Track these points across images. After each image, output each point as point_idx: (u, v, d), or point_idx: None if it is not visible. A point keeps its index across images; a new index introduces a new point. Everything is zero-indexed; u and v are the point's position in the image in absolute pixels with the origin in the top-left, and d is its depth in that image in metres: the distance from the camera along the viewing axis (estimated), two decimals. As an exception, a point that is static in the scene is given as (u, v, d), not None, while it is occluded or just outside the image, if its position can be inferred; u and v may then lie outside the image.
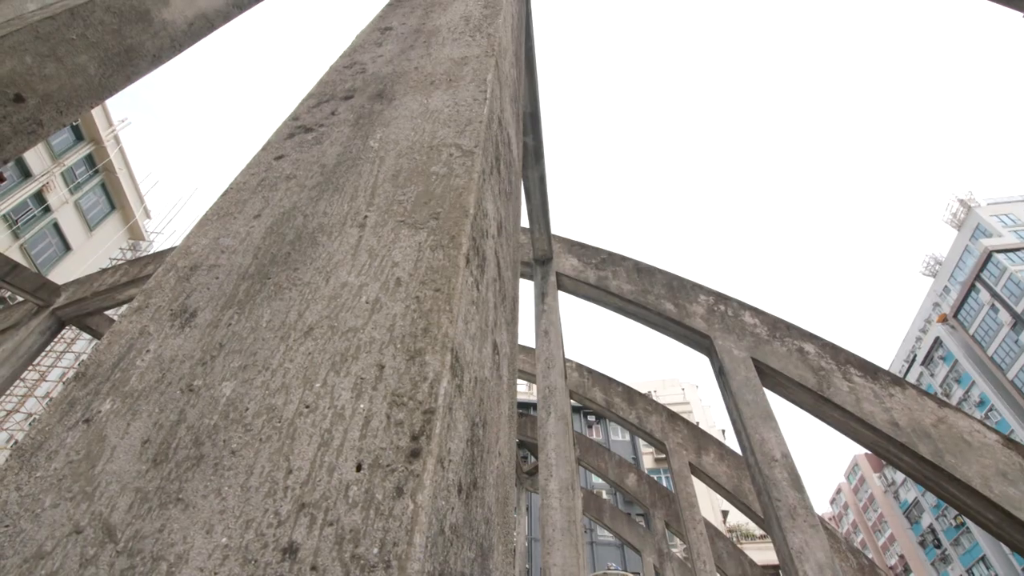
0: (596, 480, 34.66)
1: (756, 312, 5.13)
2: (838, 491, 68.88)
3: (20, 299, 8.88)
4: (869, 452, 4.93)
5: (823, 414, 4.47)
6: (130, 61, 2.97)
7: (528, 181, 5.71)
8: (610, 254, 6.17)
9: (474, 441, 0.78)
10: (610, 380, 9.99)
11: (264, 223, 1.01)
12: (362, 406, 0.64)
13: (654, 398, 12.88)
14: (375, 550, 0.51)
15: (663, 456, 9.58)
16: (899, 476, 51.83)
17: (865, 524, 59.81)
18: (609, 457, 13.00)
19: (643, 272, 5.81)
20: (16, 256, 21.77)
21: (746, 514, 8.51)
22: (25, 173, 22.69)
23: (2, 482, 0.60)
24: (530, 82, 4.55)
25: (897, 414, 4.08)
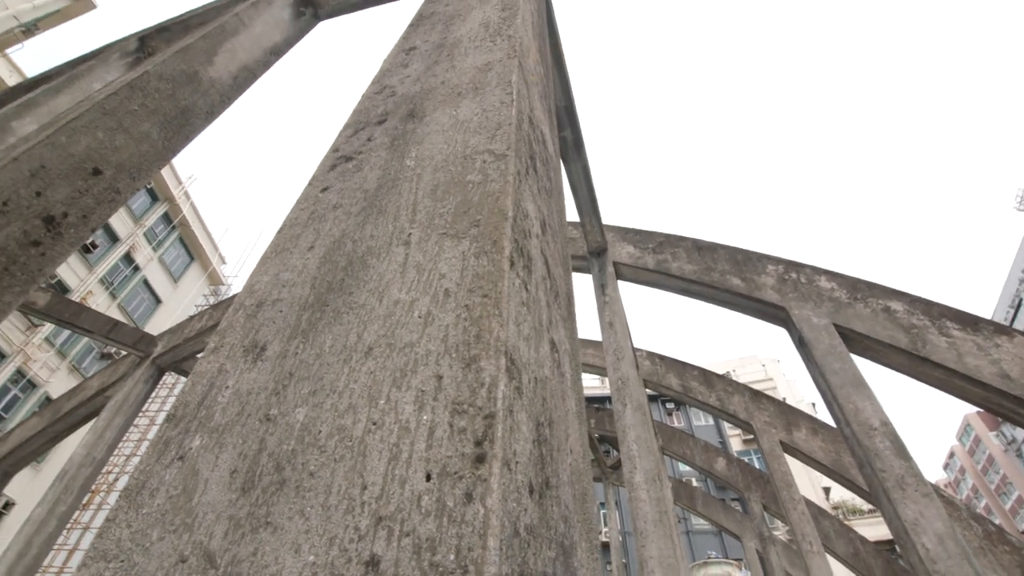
0: (683, 468, 33.77)
1: (832, 275, 4.83)
2: (951, 455, 63.76)
3: (124, 353, 9.72)
4: (981, 410, 4.54)
5: (921, 374, 4.15)
6: (187, 121, 3.19)
7: (572, 174, 5.65)
8: (667, 236, 6.01)
9: (541, 441, 0.78)
10: (684, 364, 9.72)
11: (318, 254, 1.05)
12: (425, 417, 0.66)
13: (733, 378, 12.40)
14: (451, 556, 0.52)
15: (751, 437, 9.20)
16: (1020, 432, 47.28)
17: (987, 487, 54.96)
18: (694, 443, 12.64)
19: (704, 250, 5.62)
20: (115, 314, 23.83)
21: (850, 489, 8.02)
22: (113, 238, 24.87)
23: (115, 521, 0.66)
24: (560, 76, 4.51)
25: (1007, 365, 3.73)
